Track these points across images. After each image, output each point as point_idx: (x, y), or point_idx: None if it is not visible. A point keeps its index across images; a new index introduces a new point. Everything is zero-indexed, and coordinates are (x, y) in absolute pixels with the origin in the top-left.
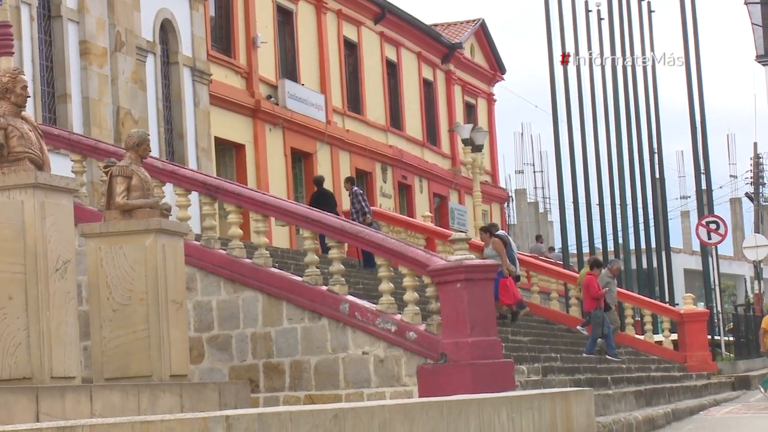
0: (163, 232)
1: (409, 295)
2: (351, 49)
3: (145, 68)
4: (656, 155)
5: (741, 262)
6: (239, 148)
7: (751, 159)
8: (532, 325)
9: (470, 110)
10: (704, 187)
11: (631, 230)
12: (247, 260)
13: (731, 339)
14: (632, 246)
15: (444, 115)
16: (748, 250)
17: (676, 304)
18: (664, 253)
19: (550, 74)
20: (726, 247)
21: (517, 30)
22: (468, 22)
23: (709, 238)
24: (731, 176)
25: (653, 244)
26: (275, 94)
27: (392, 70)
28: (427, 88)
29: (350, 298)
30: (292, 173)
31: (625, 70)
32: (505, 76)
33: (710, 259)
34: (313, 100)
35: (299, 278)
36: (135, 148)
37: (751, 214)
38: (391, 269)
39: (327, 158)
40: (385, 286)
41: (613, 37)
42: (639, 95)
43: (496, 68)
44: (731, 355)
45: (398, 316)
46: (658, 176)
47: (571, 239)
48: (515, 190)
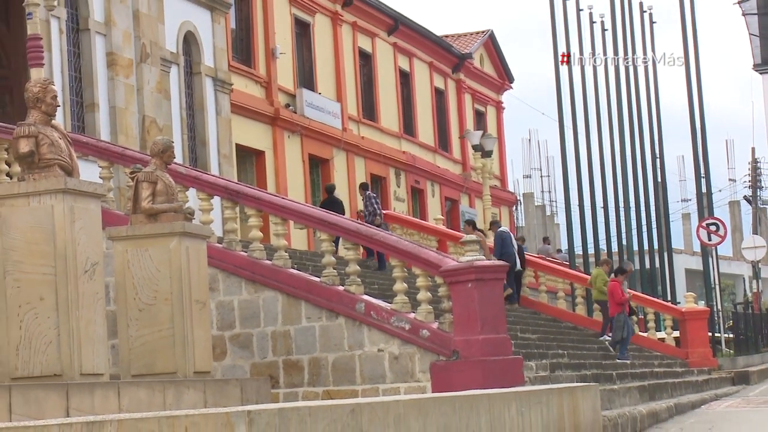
0: (187, 235)
1: (422, 295)
2: (366, 60)
3: (169, 78)
4: (658, 160)
5: (740, 262)
6: (259, 154)
7: (749, 163)
8: (540, 323)
9: (480, 117)
10: (704, 190)
11: (634, 232)
12: (267, 262)
13: (731, 336)
14: (635, 247)
15: (455, 122)
16: (747, 251)
17: (678, 303)
18: (666, 254)
19: (556, 83)
20: (725, 248)
21: (525, 40)
22: (477, 33)
23: (709, 239)
24: (730, 180)
25: (656, 245)
26: (293, 102)
27: (405, 80)
28: (439, 96)
29: (366, 297)
30: (310, 178)
31: (628, 79)
32: (513, 84)
33: (710, 259)
34: (329, 108)
35: (317, 279)
36: (160, 154)
37: (750, 216)
38: (405, 270)
39: (343, 164)
40: (399, 286)
41: (617, 47)
42: (641, 103)
43: (505, 77)
44: (731, 351)
45: (412, 315)
46: (659, 180)
47: (577, 241)
48: (523, 194)
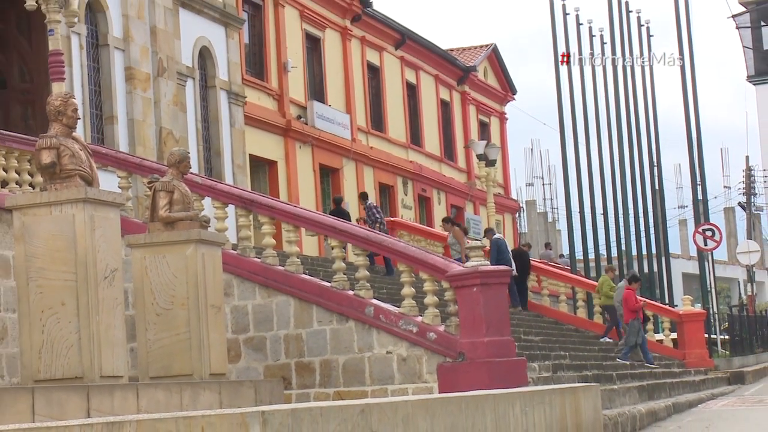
0: (203, 242)
1: (429, 299)
2: (374, 73)
3: (185, 92)
4: (656, 168)
5: (735, 266)
6: (272, 164)
7: (743, 171)
8: (543, 325)
9: (484, 128)
10: (700, 197)
11: (633, 237)
12: (280, 267)
13: (726, 337)
14: (634, 252)
15: (460, 132)
16: (742, 255)
17: (676, 306)
18: (663, 259)
19: (557, 94)
20: (721, 253)
21: (527, 54)
22: (481, 46)
23: (705, 244)
24: (725, 187)
25: (654, 250)
26: (304, 114)
27: (412, 92)
28: (444, 108)
29: (375, 301)
30: (321, 187)
31: (626, 90)
32: (515, 96)
33: (706, 263)
34: (339, 119)
35: (328, 284)
36: (176, 165)
37: (744, 222)
38: (413, 275)
39: (352, 173)
40: (407, 290)
41: (615, 59)
42: (639, 113)
43: (508, 89)
44: (726, 352)
45: (419, 318)
46: (657, 188)
47: (578, 246)
48: (526, 201)
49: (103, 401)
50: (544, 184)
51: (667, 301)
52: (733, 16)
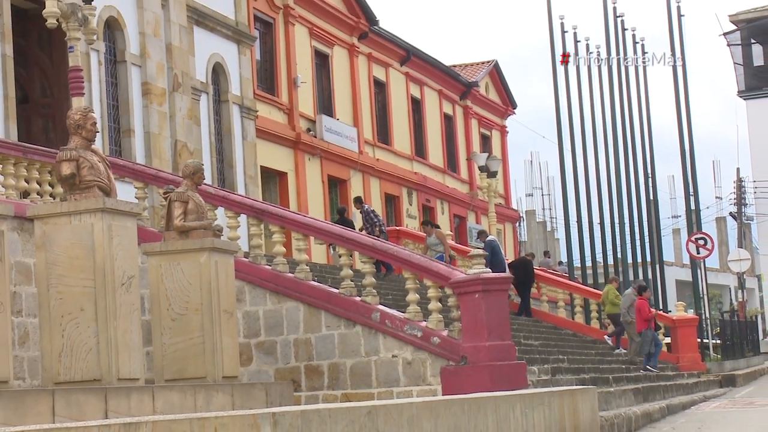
0: (216, 250)
1: (433, 305)
2: (380, 88)
3: (199, 106)
4: (650, 179)
5: (726, 273)
6: (282, 175)
7: (734, 182)
8: (542, 330)
9: (486, 141)
10: (693, 207)
11: (628, 246)
12: (290, 274)
13: (718, 342)
14: (629, 260)
15: (462, 145)
16: (733, 263)
17: (669, 311)
18: (657, 266)
19: (555, 108)
20: (713, 261)
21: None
22: (483, 63)
23: (698, 252)
24: (717, 198)
25: (648, 258)
26: (314, 127)
27: (417, 106)
28: (448, 121)
29: (381, 307)
30: (329, 198)
31: (623, 104)
32: (516, 110)
33: (699, 271)
34: (347, 132)
35: (336, 290)
36: (191, 176)
37: (735, 231)
38: (417, 282)
39: (359, 184)
40: (412, 296)
41: (611, 75)
42: (635, 126)
43: (508, 104)
44: (718, 356)
45: (423, 323)
46: (652, 198)
47: (575, 254)
48: (526, 211)
49: (120, 403)
50: (543, 195)
51: (661, 307)
52: (725, 34)
